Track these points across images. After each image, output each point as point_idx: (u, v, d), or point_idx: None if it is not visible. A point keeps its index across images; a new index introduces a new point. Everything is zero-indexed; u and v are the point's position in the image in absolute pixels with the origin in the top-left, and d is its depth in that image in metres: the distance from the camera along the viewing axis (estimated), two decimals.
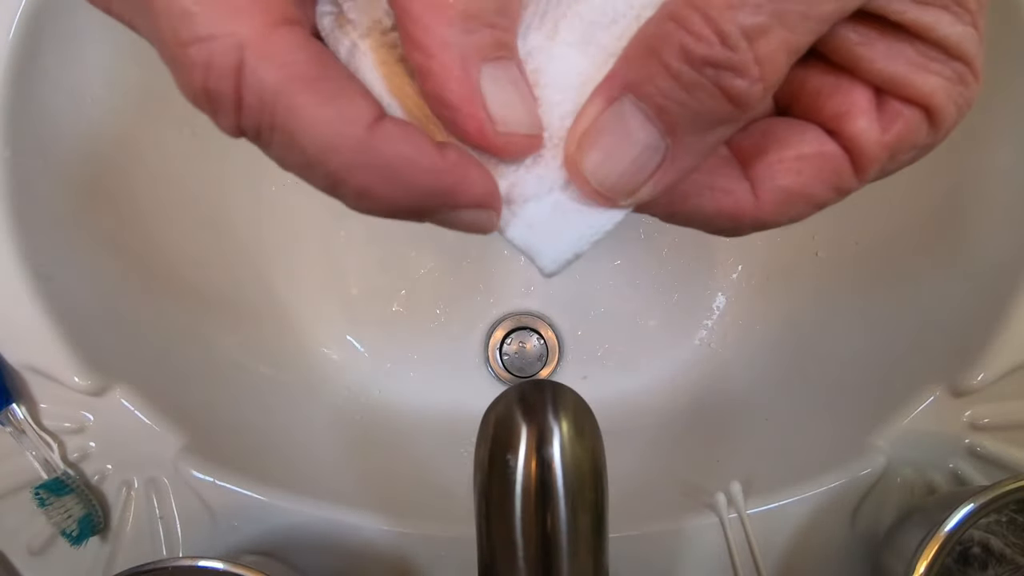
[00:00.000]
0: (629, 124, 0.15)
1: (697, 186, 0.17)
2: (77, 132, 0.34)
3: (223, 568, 0.27)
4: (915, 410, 0.33)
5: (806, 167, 0.16)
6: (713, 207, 0.17)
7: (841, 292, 0.40)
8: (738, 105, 0.14)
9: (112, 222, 0.36)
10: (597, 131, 0.15)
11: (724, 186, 0.17)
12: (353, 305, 0.43)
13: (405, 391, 0.42)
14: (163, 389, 0.34)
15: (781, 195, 0.16)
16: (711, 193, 0.17)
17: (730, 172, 0.17)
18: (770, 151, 0.17)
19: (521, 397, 0.22)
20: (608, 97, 0.15)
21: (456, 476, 0.37)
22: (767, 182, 0.16)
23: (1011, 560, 0.28)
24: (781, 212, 0.17)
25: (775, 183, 0.16)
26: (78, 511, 0.31)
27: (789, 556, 0.32)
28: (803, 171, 0.16)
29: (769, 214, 0.17)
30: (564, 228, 0.16)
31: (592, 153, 0.15)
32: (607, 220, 0.16)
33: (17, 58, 0.30)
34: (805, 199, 0.16)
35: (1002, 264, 0.33)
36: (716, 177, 0.17)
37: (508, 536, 0.21)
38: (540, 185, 0.16)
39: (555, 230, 0.16)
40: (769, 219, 0.17)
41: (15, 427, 0.31)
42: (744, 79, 0.14)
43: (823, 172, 0.16)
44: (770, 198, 0.16)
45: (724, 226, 0.17)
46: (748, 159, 0.17)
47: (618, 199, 0.16)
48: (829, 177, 0.16)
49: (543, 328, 0.44)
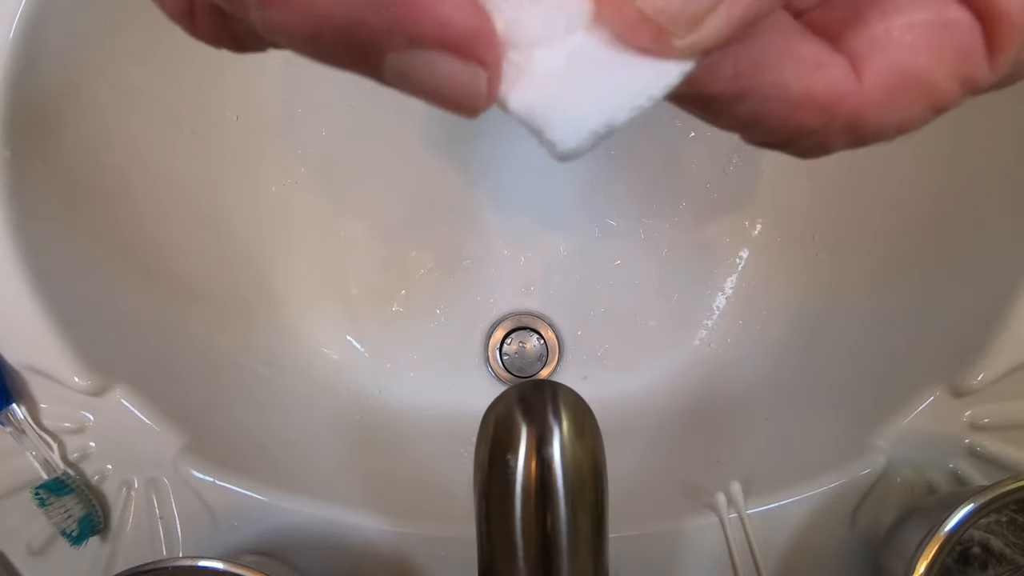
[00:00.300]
0: None
1: (777, 53, 0.12)
2: (77, 132, 0.34)
3: (223, 568, 0.27)
4: (915, 410, 0.33)
5: (924, 40, 0.11)
6: (799, 86, 0.11)
7: (841, 292, 0.40)
8: None
9: (112, 222, 0.36)
10: None
11: (815, 57, 0.12)
12: (353, 305, 0.43)
13: (405, 391, 0.42)
14: (163, 389, 0.34)
15: (892, 76, 0.11)
16: (797, 65, 0.12)
17: (819, 43, 0.12)
18: (872, 20, 0.12)
19: (521, 397, 0.22)
20: None
21: (456, 476, 0.37)
22: (873, 58, 0.11)
23: (1011, 560, 0.28)
24: (891, 104, 0.12)
25: (884, 59, 0.11)
26: (78, 511, 0.31)
27: (789, 556, 0.32)
28: (920, 46, 0.11)
29: (875, 104, 0.11)
30: (589, 85, 0.11)
31: None
32: (655, 77, 0.11)
33: (17, 58, 0.30)
34: (923, 88, 0.12)
35: (1002, 264, 0.33)
36: (803, 45, 0.12)
37: (508, 536, 0.21)
38: (552, 20, 0.11)
39: (576, 88, 0.11)
40: (874, 114, 0.12)
41: (15, 427, 0.31)
42: None
43: (947, 47, 0.11)
44: (878, 79, 0.11)
45: (808, 121, 0.12)
46: (840, 35, 0.12)
47: (675, 32, 0.10)
48: (954, 57, 0.11)
49: (543, 328, 0.44)
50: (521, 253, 0.44)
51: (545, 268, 0.44)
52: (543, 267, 0.44)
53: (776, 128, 0.12)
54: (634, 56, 0.11)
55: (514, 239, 0.43)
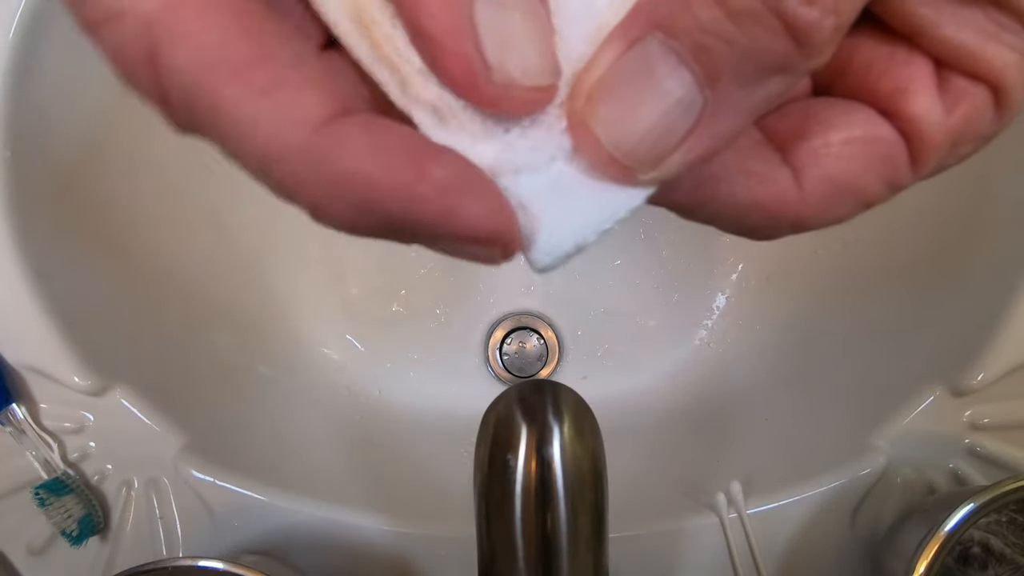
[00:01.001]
0: (657, 70, 0.11)
1: (729, 169, 0.13)
2: (77, 132, 0.34)
3: (223, 568, 0.27)
4: (915, 410, 0.33)
5: (857, 153, 0.13)
6: (748, 197, 0.13)
7: (841, 292, 0.40)
8: (801, 45, 0.11)
9: (112, 222, 0.36)
10: (614, 79, 0.12)
11: (762, 171, 0.13)
12: (353, 305, 0.43)
13: (405, 391, 0.42)
14: (163, 389, 0.34)
15: (828, 186, 0.13)
16: (746, 179, 0.13)
17: (768, 156, 0.14)
18: (813, 134, 0.13)
19: (521, 397, 0.22)
20: (629, 37, 0.12)
21: (456, 476, 0.37)
22: (812, 169, 0.13)
23: (1011, 560, 0.28)
24: (826, 208, 0.14)
25: (821, 171, 0.13)
26: (78, 511, 0.31)
27: (789, 556, 0.32)
28: (853, 158, 0.13)
29: (813, 208, 0.13)
30: (566, 210, 0.13)
31: (607, 107, 0.12)
32: (622, 202, 0.13)
33: (17, 58, 0.30)
34: (854, 193, 0.13)
35: (1002, 264, 0.33)
36: (752, 160, 0.14)
37: (508, 536, 0.21)
38: (538, 152, 0.12)
39: (554, 213, 0.13)
40: (812, 215, 0.14)
41: (15, 427, 0.31)
42: (814, 7, 0.10)
43: (876, 160, 0.13)
44: (816, 189, 0.13)
45: (758, 223, 0.14)
46: (786, 145, 0.14)
47: (639, 170, 0.12)
48: (882, 167, 0.13)
49: (543, 328, 0.44)
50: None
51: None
52: None
53: (730, 226, 0.14)
54: (604, 184, 0.12)
55: None
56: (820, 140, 0.13)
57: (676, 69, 0.11)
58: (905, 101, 0.13)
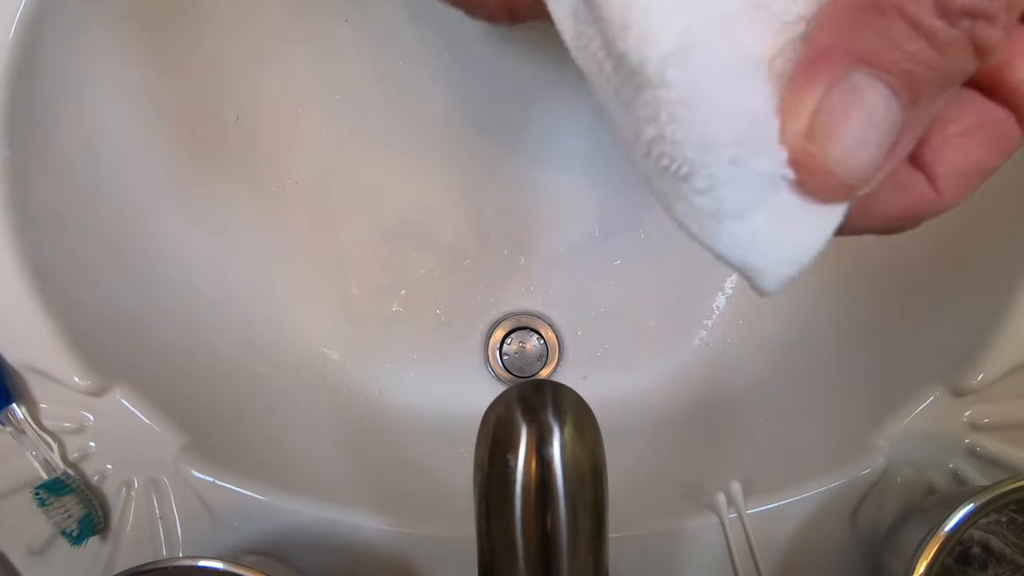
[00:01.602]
0: (867, 99, 0.13)
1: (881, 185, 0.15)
2: (77, 132, 0.34)
3: (223, 568, 0.27)
4: (915, 410, 0.33)
5: (975, 141, 0.15)
6: (899, 207, 0.15)
7: (841, 291, 0.40)
8: (982, 59, 0.12)
9: (112, 222, 0.36)
10: (836, 113, 0.13)
11: (903, 181, 0.15)
12: (353, 305, 0.43)
13: (405, 391, 0.42)
14: (163, 389, 0.34)
15: (958, 178, 0.15)
16: (894, 191, 0.15)
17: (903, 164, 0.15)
18: (931, 132, 0.15)
19: (521, 397, 0.22)
20: (832, 74, 0.13)
21: (456, 476, 0.37)
22: (939, 166, 0.15)
23: (1011, 560, 0.28)
24: (959, 195, 0.15)
25: (948, 166, 0.15)
26: (78, 511, 0.31)
27: (789, 556, 0.32)
28: (973, 146, 0.15)
29: (949, 201, 0.15)
30: (787, 237, 0.14)
31: (839, 141, 0.13)
32: (830, 221, 0.14)
33: (17, 58, 0.30)
34: (980, 175, 0.15)
35: (1002, 264, 0.33)
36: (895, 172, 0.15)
37: (508, 536, 0.21)
38: (758, 186, 0.13)
39: (777, 240, 0.14)
40: (948, 206, 0.15)
41: (15, 427, 0.31)
42: (995, 27, 0.12)
43: (993, 141, 0.15)
44: (948, 184, 0.15)
45: (904, 226, 0.16)
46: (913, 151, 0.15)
47: (859, 187, 0.14)
48: (1000, 143, 0.15)
49: (543, 328, 0.44)
50: (521, 253, 0.44)
51: (545, 268, 0.44)
52: (543, 267, 0.44)
53: (883, 229, 0.16)
54: (815, 205, 0.14)
55: (514, 239, 0.43)
56: (938, 136, 0.15)
57: (888, 97, 0.13)
58: (1007, 73, 0.14)
